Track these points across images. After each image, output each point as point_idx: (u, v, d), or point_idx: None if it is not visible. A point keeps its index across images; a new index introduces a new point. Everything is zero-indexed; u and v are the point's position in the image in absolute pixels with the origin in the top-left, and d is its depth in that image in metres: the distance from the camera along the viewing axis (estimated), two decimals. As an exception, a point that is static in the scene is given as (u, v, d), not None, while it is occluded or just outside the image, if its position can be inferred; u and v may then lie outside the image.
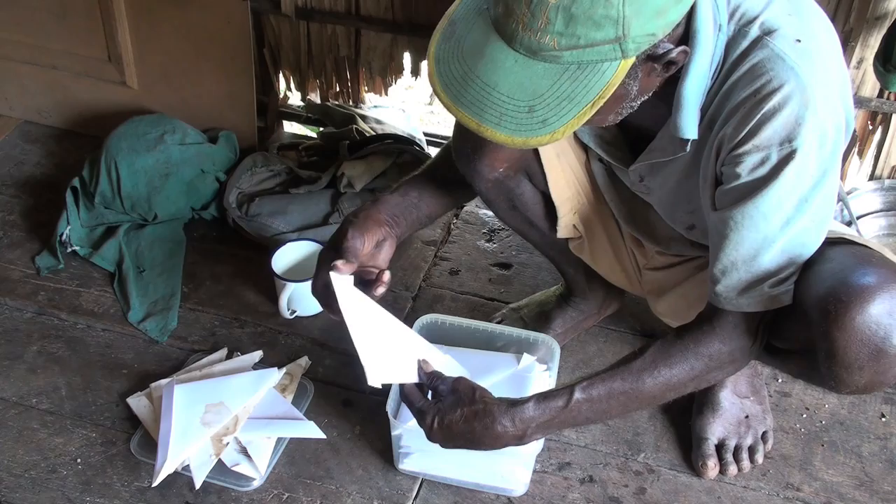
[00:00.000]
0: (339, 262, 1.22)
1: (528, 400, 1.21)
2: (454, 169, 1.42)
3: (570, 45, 0.96)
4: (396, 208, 1.35)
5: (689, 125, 1.14)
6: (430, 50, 1.06)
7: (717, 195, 1.16)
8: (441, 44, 1.04)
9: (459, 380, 1.26)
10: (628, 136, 1.31)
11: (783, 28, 1.08)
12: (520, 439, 1.21)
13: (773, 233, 1.12)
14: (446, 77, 1.03)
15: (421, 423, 1.24)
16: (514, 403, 1.21)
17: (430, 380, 1.27)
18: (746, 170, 1.11)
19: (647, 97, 1.10)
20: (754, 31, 1.09)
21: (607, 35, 0.96)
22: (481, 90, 1.00)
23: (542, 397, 1.21)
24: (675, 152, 1.20)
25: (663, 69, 1.06)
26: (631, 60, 0.99)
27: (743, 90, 1.09)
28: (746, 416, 1.53)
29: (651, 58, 1.03)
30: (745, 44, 1.09)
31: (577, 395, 1.20)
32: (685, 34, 1.07)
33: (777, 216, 1.11)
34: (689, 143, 1.17)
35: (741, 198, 1.12)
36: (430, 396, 1.27)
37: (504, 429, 1.20)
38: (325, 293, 1.27)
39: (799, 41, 1.07)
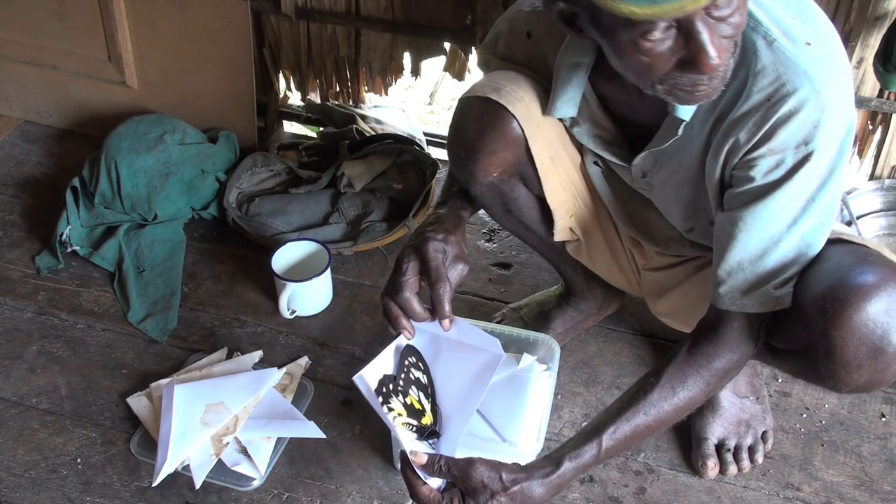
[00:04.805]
0: (446, 324, 1.29)
1: (560, 463, 1.18)
2: None
3: None
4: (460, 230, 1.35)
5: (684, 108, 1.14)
6: None
7: (727, 197, 1.17)
8: None
9: (474, 466, 1.15)
10: (628, 135, 1.31)
11: (791, 31, 1.08)
12: (556, 494, 1.20)
13: (780, 232, 1.12)
14: None
15: None
16: (548, 473, 1.17)
17: (433, 469, 1.18)
18: (761, 173, 1.11)
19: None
20: (761, 34, 1.08)
21: None
22: None
23: (575, 456, 1.19)
24: (684, 133, 1.19)
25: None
26: None
27: (755, 95, 1.09)
28: (746, 416, 1.53)
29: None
30: (752, 47, 1.09)
31: (606, 443, 1.19)
32: None
33: (785, 216, 1.11)
34: (693, 127, 1.17)
35: (752, 199, 1.12)
36: (434, 481, 1.19)
37: (543, 495, 1.18)
38: (395, 312, 1.31)
39: (809, 44, 1.07)
